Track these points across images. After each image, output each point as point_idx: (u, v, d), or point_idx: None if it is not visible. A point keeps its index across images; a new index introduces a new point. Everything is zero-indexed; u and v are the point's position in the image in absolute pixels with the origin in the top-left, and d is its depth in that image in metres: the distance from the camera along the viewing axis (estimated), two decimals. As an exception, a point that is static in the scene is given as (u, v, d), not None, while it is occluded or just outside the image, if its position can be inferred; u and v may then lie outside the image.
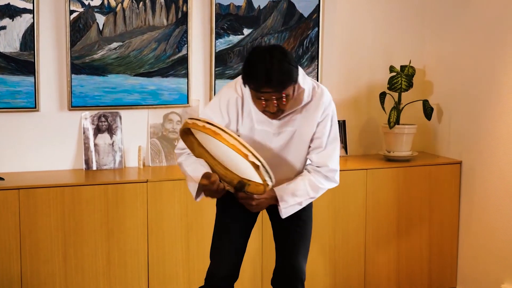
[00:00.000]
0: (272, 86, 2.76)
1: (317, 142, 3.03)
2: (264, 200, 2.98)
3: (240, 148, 2.71)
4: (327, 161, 3.04)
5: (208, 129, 2.73)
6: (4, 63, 3.93)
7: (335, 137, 3.07)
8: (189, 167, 2.99)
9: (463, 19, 4.51)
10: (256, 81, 2.77)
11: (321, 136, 3.02)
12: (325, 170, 3.05)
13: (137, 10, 4.16)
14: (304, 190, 3.01)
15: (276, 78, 2.75)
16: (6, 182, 3.71)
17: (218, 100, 3.00)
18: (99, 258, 3.81)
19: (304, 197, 3.02)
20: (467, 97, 4.49)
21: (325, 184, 3.07)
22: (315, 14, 4.54)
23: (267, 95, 2.78)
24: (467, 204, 4.51)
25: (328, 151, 3.04)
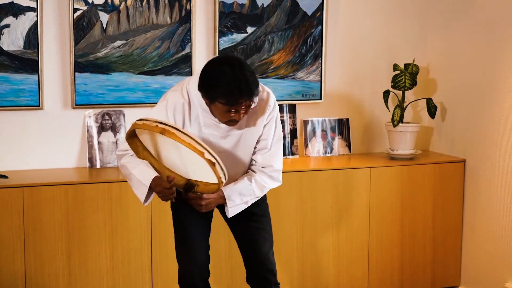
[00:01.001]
0: (246, 96, 2.81)
1: (263, 144, 3.10)
2: (213, 200, 3.01)
3: (196, 146, 2.71)
4: (271, 162, 3.11)
5: (161, 128, 2.71)
6: (8, 61, 3.94)
7: (279, 137, 3.13)
8: (135, 169, 2.98)
9: (466, 17, 4.51)
10: (230, 95, 2.79)
11: (267, 137, 3.09)
12: (269, 170, 3.11)
13: (140, 9, 4.16)
14: (251, 189, 3.07)
15: (249, 89, 2.81)
16: (10, 180, 3.71)
17: (165, 104, 2.99)
18: (103, 256, 3.82)
19: (250, 196, 3.08)
20: (471, 95, 4.48)
21: (270, 184, 3.14)
22: (319, 12, 4.54)
23: (239, 106, 2.83)
24: (471, 203, 4.51)
25: (272, 152, 3.11)
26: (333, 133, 4.66)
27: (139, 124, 2.78)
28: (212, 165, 2.73)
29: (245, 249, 3.23)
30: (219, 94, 2.81)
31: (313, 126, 4.61)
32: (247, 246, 3.22)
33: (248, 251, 3.22)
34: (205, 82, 2.85)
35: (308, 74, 4.57)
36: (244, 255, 3.25)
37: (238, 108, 2.84)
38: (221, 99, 2.81)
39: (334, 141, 4.66)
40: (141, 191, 2.98)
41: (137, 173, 2.97)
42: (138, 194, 3.01)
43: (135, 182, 2.99)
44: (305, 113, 4.60)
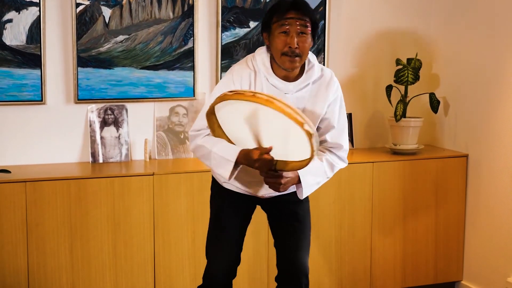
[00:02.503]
0: (298, 9, 2.86)
1: (329, 123, 3.04)
2: (290, 179, 2.94)
3: (296, 116, 2.62)
4: (340, 141, 3.07)
5: (260, 98, 2.63)
6: (10, 56, 3.94)
7: (345, 118, 3.11)
8: (215, 147, 2.92)
9: (470, 11, 4.50)
10: (283, 5, 2.87)
11: (333, 116, 3.03)
12: (337, 150, 3.07)
13: (143, 3, 4.16)
14: (322, 169, 3.02)
15: (302, 3, 2.89)
16: (12, 175, 3.72)
17: (231, 76, 3.00)
18: (105, 251, 3.82)
19: (322, 176, 3.04)
20: (474, 90, 4.48)
21: (339, 164, 3.09)
22: (322, 7, 4.53)
23: (292, 21, 2.85)
24: (474, 198, 4.51)
25: (339, 131, 3.07)
26: (335, 127, 4.65)
27: (229, 94, 2.70)
28: (310, 136, 2.63)
29: (283, 249, 3.17)
30: (272, 12, 2.90)
31: (315, 121, 4.60)
32: (286, 248, 3.16)
33: (286, 253, 3.16)
34: (265, 16, 2.97)
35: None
36: (279, 255, 3.19)
37: (293, 26, 2.85)
38: (275, 17, 2.88)
39: (337, 135, 4.65)
40: (226, 168, 2.89)
41: (218, 150, 2.91)
42: (221, 171, 2.91)
43: (217, 160, 2.91)
44: (308, 107, 4.59)
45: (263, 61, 2.98)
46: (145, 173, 3.89)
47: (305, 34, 2.89)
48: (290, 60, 2.89)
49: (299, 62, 2.92)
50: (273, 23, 2.89)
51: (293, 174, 2.94)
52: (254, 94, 2.64)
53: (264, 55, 2.99)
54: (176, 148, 4.29)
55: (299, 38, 2.87)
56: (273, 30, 2.90)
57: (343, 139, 3.08)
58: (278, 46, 2.89)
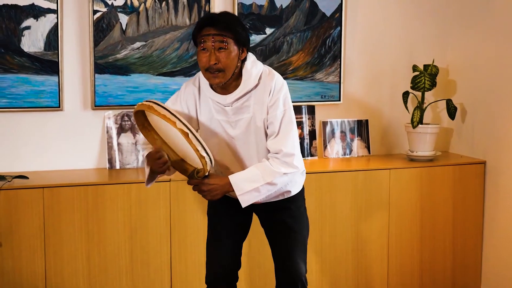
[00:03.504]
0: (212, 25, 2.85)
1: (271, 128, 2.97)
2: (217, 186, 2.92)
3: (170, 117, 2.70)
4: (280, 146, 2.93)
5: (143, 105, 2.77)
6: (28, 63, 3.96)
7: (289, 120, 2.97)
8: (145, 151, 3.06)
9: (486, 17, 4.48)
10: (199, 22, 2.90)
11: (274, 120, 2.96)
12: (280, 155, 2.94)
13: (160, 10, 4.17)
14: (258, 175, 2.92)
15: (218, 19, 2.87)
16: (30, 181, 3.74)
17: (178, 93, 3.10)
18: (122, 257, 3.83)
19: (259, 182, 2.91)
20: (491, 96, 4.45)
21: (282, 169, 2.93)
22: (338, 13, 4.53)
23: (208, 38, 2.84)
24: (492, 205, 4.48)
25: (281, 136, 2.95)
26: (352, 134, 4.64)
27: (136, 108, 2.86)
28: (185, 135, 2.67)
29: (278, 255, 3.18)
30: (193, 31, 2.92)
31: (332, 128, 4.60)
32: (280, 256, 3.17)
33: (280, 260, 3.17)
34: None
35: (327, 75, 4.56)
36: (275, 263, 3.20)
37: (208, 42, 2.84)
38: (194, 35, 2.91)
39: (353, 142, 4.65)
40: (146, 173, 3.02)
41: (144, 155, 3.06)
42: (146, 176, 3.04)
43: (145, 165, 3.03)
44: (324, 114, 4.59)
45: (205, 80, 3.02)
46: (162, 179, 3.88)
47: (224, 48, 2.86)
48: (213, 76, 2.89)
49: (224, 77, 2.90)
50: (195, 40, 2.93)
51: (221, 181, 2.93)
52: (142, 103, 2.78)
53: None
54: (192, 154, 4.29)
55: (219, 53, 2.85)
56: (197, 47, 2.92)
57: (286, 144, 2.94)
58: (200, 63, 2.91)
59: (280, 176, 2.94)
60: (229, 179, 2.93)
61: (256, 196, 2.95)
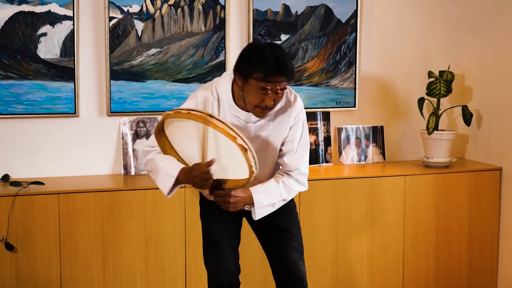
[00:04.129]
0: (283, 74, 2.79)
1: (289, 146, 3.05)
2: (241, 199, 2.94)
3: (228, 131, 2.65)
4: (298, 165, 3.06)
5: (194, 115, 2.66)
6: (44, 69, 3.98)
7: (306, 141, 3.09)
8: (162, 162, 2.95)
9: (502, 23, 4.46)
10: (268, 68, 2.77)
11: (293, 139, 3.05)
12: (296, 173, 3.06)
13: (175, 17, 4.18)
14: (278, 191, 3.01)
15: (287, 68, 2.80)
16: (46, 187, 3.75)
17: (195, 99, 3.00)
18: (137, 263, 3.83)
19: (277, 198, 3.02)
20: (507, 103, 4.43)
21: (297, 187, 3.08)
22: (353, 19, 4.52)
23: (274, 85, 2.80)
24: (508, 212, 4.45)
25: (299, 155, 3.07)
26: (367, 140, 4.63)
27: (170, 113, 2.73)
28: (244, 151, 2.66)
29: (274, 258, 3.19)
30: (257, 68, 2.77)
31: (347, 134, 4.59)
32: (276, 256, 3.18)
33: (277, 261, 3.18)
34: (244, 59, 2.85)
35: (342, 82, 4.55)
36: (273, 265, 3.21)
37: (274, 88, 2.80)
38: (258, 73, 2.77)
39: (368, 148, 4.64)
40: (165, 183, 2.94)
41: (164, 165, 2.93)
42: (162, 186, 2.96)
43: (161, 175, 2.94)
44: (339, 120, 4.58)
45: (225, 93, 2.96)
46: (177, 185, 3.90)
47: (281, 94, 2.86)
48: (262, 112, 2.89)
49: (270, 111, 2.92)
50: (253, 78, 2.80)
51: (244, 194, 2.95)
52: (189, 112, 2.67)
53: (227, 86, 2.97)
54: (207, 160, 4.29)
55: (276, 96, 2.85)
56: (250, 83, 2.82)
57: (302, 163, 3.07)
58: (253, 101, 2.86)
59: (294, 194, 3.08)
60: (251, 192, 2.97)
61: (270, 210, 3.04)
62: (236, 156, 2.70)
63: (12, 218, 3.62)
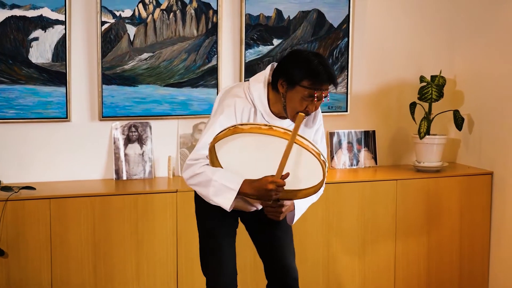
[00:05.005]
0: (331, 82, 2.86)
1: None
2: (288, 208, 2.97)
3: (313, 148, 2.70)
4: None
5: (276, 131, 2.65)
6: (36, 74, 3.98)
7: (325, 146, 3.17)
8: (215, 175, 2.85)
9: (493, 29, 4.47)
10: (318, 76, 2.81)
11: (317, 142, 3.10)
12: None
13: (167, 21, 4.19)
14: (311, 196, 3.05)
15: (335, 75, 2.89)
16: (37, 192, 3.75)
17: (233, 110, 2.93)
18: (129, 268, 3.83)
19: (309, 202, 3.10)
20: (498, 107, 4.45)
21: (321, 189, 3.07)
22: (345, 24, 4.53)
23: (321, 93, 2.84)
24: (499, 216, 4.46)
25: None
26: (359, 145, 4.64)
27: (243, 128, 2.69)
28: (324, 166, 2.73)
29: (269, 256, 3.20)
30: (307, 74, 2.81)
31: (339, 138, 4.59)
32: (272, 254, 3.18)
33: (272, 259, 3.18)
34: (289, 66, 2.86)
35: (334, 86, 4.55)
36: (267, 263, 3.21)
37: (320, 95, 2.84)
38: (307, 80, 2.81)
39: (360, 153, 4.64)
40: (226, 196, 2.83)
41: (219, 178, 2.83)
42: (221, 200, 2.85)
43: (217, 188, 2.83)
44: (331, 125, 4.59)
45: (260, 98, 2.95)
46: (169, 190, 3.90)
47: (323, 100, 2.91)
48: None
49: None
50: (301, 85, 2.82)
51: (289, 202, 2.99)
52: (270, 127, 2.68)
53: (262, 91, 2.95)
54: (199, 165, 4.29)
55: (318, 102, 2.89)
56: (297, 89, 2.84)
57: None
58: (296, 107, 2.87)
59: (319, 194, 3.10)
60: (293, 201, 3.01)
61: (302, 213, 3.11)
62: (312, 169, 2.76)
63: (3, 223, 3.61)
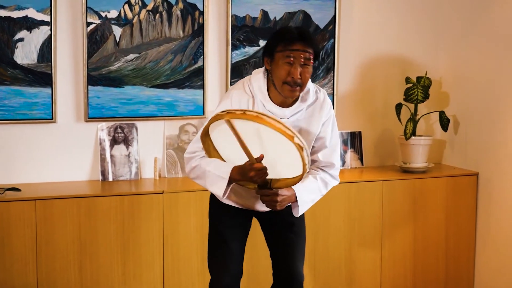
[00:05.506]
0: (304, 41, 2.88)
1: (322, 142, 3.10)
2: (286, 197, 2.98)
3: (286, 131, 2.68)
4: (332, 159, 3.12)
5: (249, 115, 2.67)
6: (21, 75, 3.96)
7: (337, 136, 3.16)
8: (209, 166, 2.96)
9: (479, 30, 4.50)
10: (289, 36, 2.88)
11: (325, 135, 3.10)
12: (330, 168, 3.12)
13: (153, 22, 4.18)
14: (317, 187, 3.07)
15: (306, 35, 2.91)
16: (22, 193, 3.73)
17: (230, 100, 3.01)
18: (115, 269, 3.82)
19: (316, 194, 3.09)
20: (483, 108, 4.47)
21: (331, 182, 3.14)
22: (331, 25, 4.54)
23: (298, 53, 2.87)
24: (484, 216, 4.48)
25: (331, 150, 3.12)
26: (345, 146, 4.65)
27: (221, 114, 2.73)
28: (300, 150, 2.69)
29: (278, 257, 3.21)
30: (278, 39, 2.90)
31: (325, 139, 4.59)
32: (281, 255, 3.20)
33: (281, 260, 3.20)
34: (268, 41, 2.97)
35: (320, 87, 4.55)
36: (275, 263, 3.23)
37: (297, 56, 2.87)
38: (280, 45, 2.88)
39: (346, 154, 4.65)
40: (219, 185, 2.93)
41: (212, 169, 2.94)
42: (215, 189, 2.96)
43: (211, 178, 2.95)
44: (317, 126, 4.59)
45: (259, 87, 3.00)
46: (155, 191, 3.89)
47: (308, 65, 2.92)
48: (291, 89, 2.92)
49: (299, 91, 2.96)
50: (277, 52, 2.91)
51: (289, 192, 2.99)
52: (244, 112, 2.69)
53: (261, 81, 3.01)
54: (185, 166, 4.29)
55: (302, 68, 2.90)
56: (276, 58, 2.92)
57: (335, 158, 3.14)
58: (281, 75, 2.91)
59: (329, 187, 3.15)
60: (294, 191, 3.00)
61: (309, 206, 3.11)
62: (290, 155, 2.74)
63: (-12, 224, 3.60)
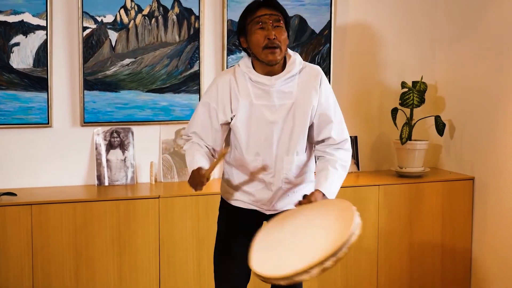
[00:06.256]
0: (268, 5, 2.97)
1: (327, 118, 3.05)
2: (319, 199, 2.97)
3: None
4: (343, 135, 3.08)
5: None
6: (17, 79, 3.96)
7: (338, 107, 3.12)
8: (188, 157, 3.06)
9: (475, 35, 4.51)
10: (252, 5, 2.99)
11: (329, 110, 3.05)
12: (343, 144, 3.08)
13: (149, 27, 4.18)
14: (338, 176, 3.04)
15: (272, 1, 3.00)
16: (18, 198, 3.72)
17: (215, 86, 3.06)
18: (111, 274, 3.81)
19: (340, 180, 3.07)
20: (479, 113, 4.47)
21: (347, 158, 3.09)
22: (327, 30, 4.55)
23: (265, 17, 2.94)
24: (480, 221, 4.49)
25: (338, 124, 3.08)
26: (341, 150, 4.64)
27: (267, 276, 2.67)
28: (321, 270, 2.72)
29: None
30: (244, 15, 3.00)
31: (321, 144, 4.60)
32: None
33: None
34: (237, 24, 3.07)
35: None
36: None
37: (266, 20, 2.93)
38: (248, 18, 2.97)
39: (342, 158, 4.65)
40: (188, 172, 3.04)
41: (188, 162, 3.04)
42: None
43: (188, 167, 3.05)
44: (313, 130, 4.59)
45: (245, 63, 3.06)
46: (151, 196, 3.89)
47: (280, 26, 2.96)
48: (271, 52, 2.94)
49: (280, 54, 2.97)
50: (247, 24, 2.98)
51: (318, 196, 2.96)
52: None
53: (246, 59, 3.07)
54: (181, 171, 4.29)
55: (275, 30, 2.95)
56: (249, 30, 2.98)
57: (346, 132, 3.10)
58: (258, 42, 2.95)
59: (348, 166, 3.11)
60: (324, 193, 2.98)
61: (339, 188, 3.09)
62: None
63: (-16, 229, 3.60)
